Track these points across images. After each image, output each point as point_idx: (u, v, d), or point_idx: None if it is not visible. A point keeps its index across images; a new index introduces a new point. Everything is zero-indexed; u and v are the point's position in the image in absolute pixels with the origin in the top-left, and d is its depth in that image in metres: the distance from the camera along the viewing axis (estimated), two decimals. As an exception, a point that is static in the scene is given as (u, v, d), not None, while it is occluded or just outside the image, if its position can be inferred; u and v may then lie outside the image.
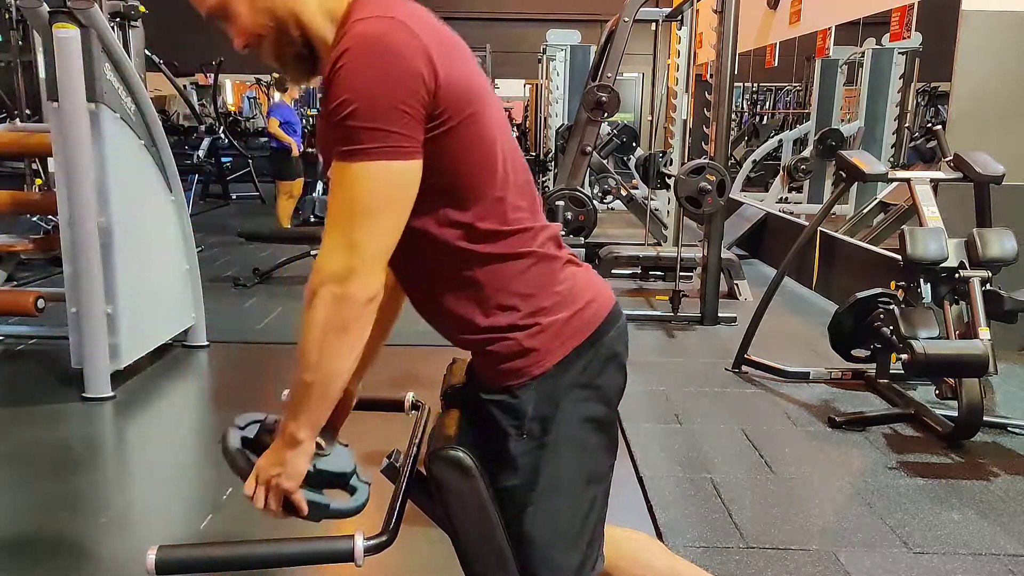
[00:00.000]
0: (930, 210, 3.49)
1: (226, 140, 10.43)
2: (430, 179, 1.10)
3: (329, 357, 1.09)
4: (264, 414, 1.27)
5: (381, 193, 1.06)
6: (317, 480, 1.19)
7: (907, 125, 8.58)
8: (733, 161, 9.03)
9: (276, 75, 7.95)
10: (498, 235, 1.17)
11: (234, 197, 10.67)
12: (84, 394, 3.38)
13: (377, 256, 1.08)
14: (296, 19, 1.15)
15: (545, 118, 10.36)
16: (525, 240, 1.20)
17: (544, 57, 10.49)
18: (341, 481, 1.25)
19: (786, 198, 8.73)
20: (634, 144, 8.76)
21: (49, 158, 4.17)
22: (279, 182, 7.65)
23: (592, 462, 1.27)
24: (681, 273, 4.94)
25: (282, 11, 1.14)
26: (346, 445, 1.29)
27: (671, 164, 6.77)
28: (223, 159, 10.64)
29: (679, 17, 6.49)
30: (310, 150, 9.55)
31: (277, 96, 7.87)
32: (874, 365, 3.68)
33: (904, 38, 6.72)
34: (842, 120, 8.60)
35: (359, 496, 1.26)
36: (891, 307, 3.32)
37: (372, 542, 1.10)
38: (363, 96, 1.03)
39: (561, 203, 4.64)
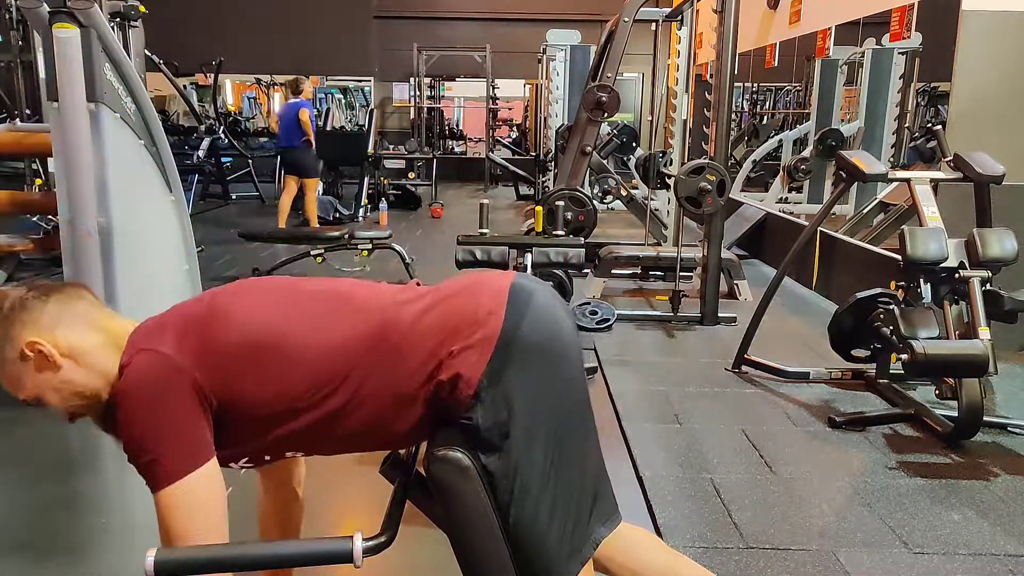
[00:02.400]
0: (930, 210, 3.49)
1: (226, 140, 10.43)
2: (268, 411, 1.24)
3: None
4: None
5: (186, 512, 1.19)
6: None
7: (907, 125, 8.56)
8: (733, 161, 9.02)
9: (289, 78, 7.95)
10: (359, 375, 1.26)
11: (234, 197, 10.66)
12: (84, 394, 3.38)
13: None
14: (103, 390, 1.28)
15: (545, 118, 10.35)
16: (380, 346, 1.28)
17: (544, 57, 10.49)
18: None
19: (786, 198, 8.71)
20: (634, 144, 8.75)
21: (49, 158, 4.17)
22: (306, 180, 7.68)
23: (566, 436, 1.31)
24: (681, 273, 4.94)
25: (88, 388, 1.28)
26: None
27: (671, 164, 6.76)
28: (223, 159, 10.64)
29: (679, 17, 6.49)
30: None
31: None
32: (874, 365, 3.68)
33: (904, 38, 6.70)
34: (842, 120, 8.58)
35: None
36: (891, 307, 3.32)
37: (371, 543, 1.10)
38: (138, 435, 1.19)
39: (561, 203, 4.63)
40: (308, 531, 1.74)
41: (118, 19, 4.31)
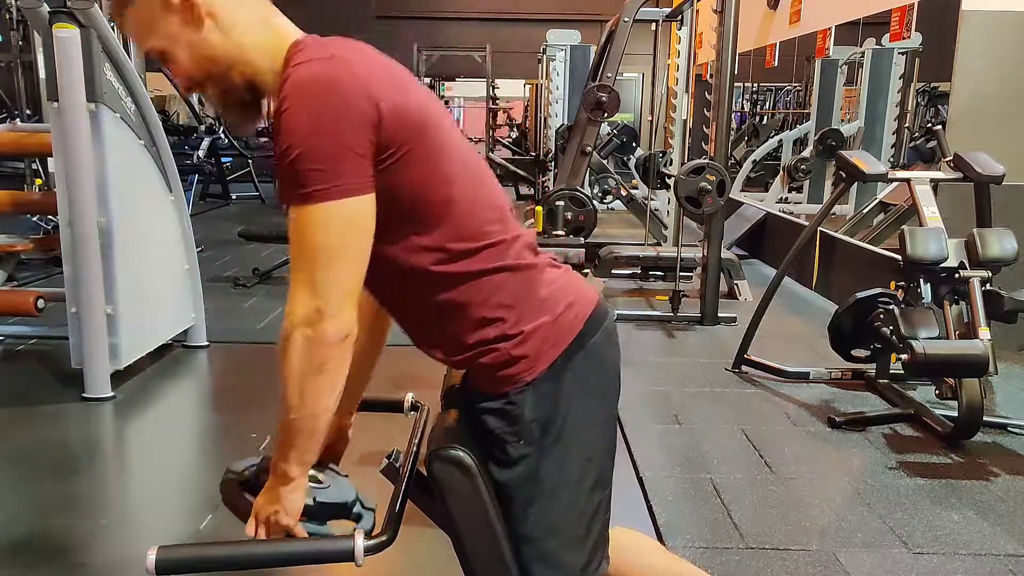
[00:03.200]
0: (930, 210, 3.49)
1: (226, 140, 10.43)
2: (391, 210, 1.12)
3: (310, 398, 1.11)
4: (260, 456, 1.28)
5: (336, 232, 1.08)
6: (319, 513, 1.21)
7: (907, 125, 8.57)
8: (733, 161, 9.02)
9: None
10: (470, 253, 1.19)
11: (234, 197, 10.67)
12: (84, 394, 3.38)
13: (344, 295, 1.09)
14: (237, 67, 1.16)
15: (545, 118, 10.35)
16: (499, 253, 1.21)
17: (544, 57, 10.49)
18: (343, 511, 1.25)
19: (786, 198, 8.73)
20: (634, 144, 8.76)
21: (49, 158, 4.18)
22: None
23: (594, 463, 1.28)
24: (681, 273, 4.94)
25: (223, 59, 1.16)
26: (346, 476, 1.30)
27: (671, 164, 6.76)
28: (223, 159, 10.64)
29: (679, 17, 6.49)
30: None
31: None
32: (874, 365, 3.68)
33: (904, 38, 6.71)
34: (842, 120, 8.59)
35: (364, 523, 1.26)
36: (891, 307, 3.32)
37: (372, 542, 1.10)
38: (307, 139, 1.05)
39: (561, 203, 4.64)
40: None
41: (118, 19, 4.31)
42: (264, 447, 1.31)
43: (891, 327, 3.24)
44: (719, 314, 4.82)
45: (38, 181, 5.96)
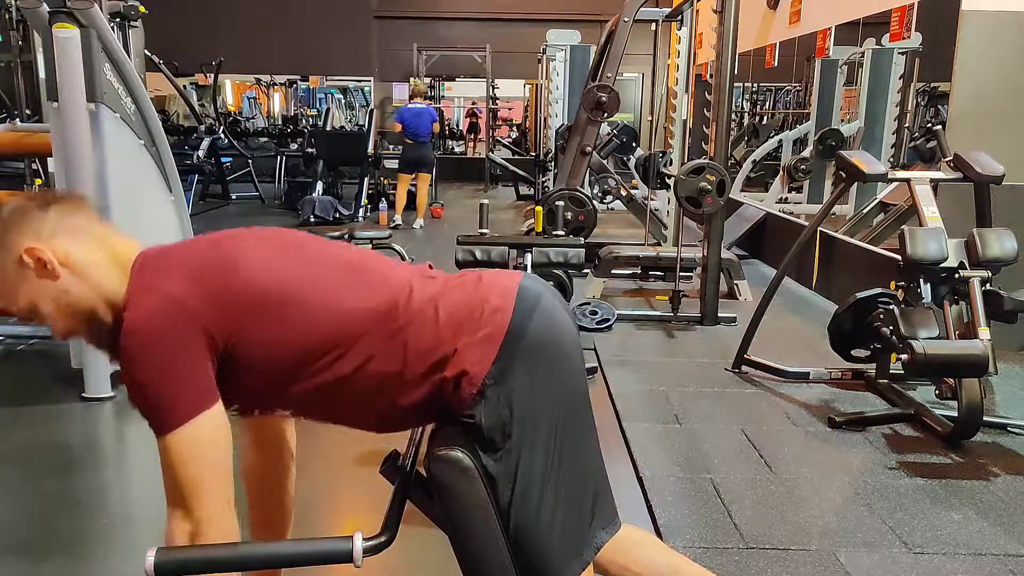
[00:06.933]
0: (930, 210, 3.49)
1: (226, 140, 10.42)
2: (274, 366, 1.22)
3: None
4: None
5: (195, 455, 1.16)
6: None
7: (907, 125, 8.57)
8: (733, 161, 9.02)
9: (416, 81, 9.07)
10: (365, 347, 1.25)
11: (234, 197, 10.66)
12: (84, 394, 3.38)
13: (218, 510, 1.18)
14: (100, 307, 1.24)
15: (545, 118, 10.35)
16: (389, 323, 1.26)
17: (544, 57, 10.49)
18: None
19: (786, 198, 8.72)
20: (634, 144, 8.75)
21: (49, 158, 4.17)
22: (423, 173, 8.79)
23: (562, 447, 1.30)
24: (681, 273, 4.94)
25: (86, 303, 1.23)
26: None
27: (671, 164, 6.76)
28: (223, 159, 10.63)
29: (679, 17, 6.48)
30: (309, 150, 9.56)
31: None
32: (874, 365, 3.68)
33: (904, 38, 6.71)
34: (842, 120, 8.59)
35: None
36: (891, 307, 3.32)
37: (371, 543, 1.10)
38: (145, 377, 1.15)
39: (561, 203, 4.64)
40: (308, 531, 1.74)
41: (118, 19, 4.31)
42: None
43: (891, 327, 3.24)
44: (719, 314, 4.82)
45: (38, 181, 5.94)
